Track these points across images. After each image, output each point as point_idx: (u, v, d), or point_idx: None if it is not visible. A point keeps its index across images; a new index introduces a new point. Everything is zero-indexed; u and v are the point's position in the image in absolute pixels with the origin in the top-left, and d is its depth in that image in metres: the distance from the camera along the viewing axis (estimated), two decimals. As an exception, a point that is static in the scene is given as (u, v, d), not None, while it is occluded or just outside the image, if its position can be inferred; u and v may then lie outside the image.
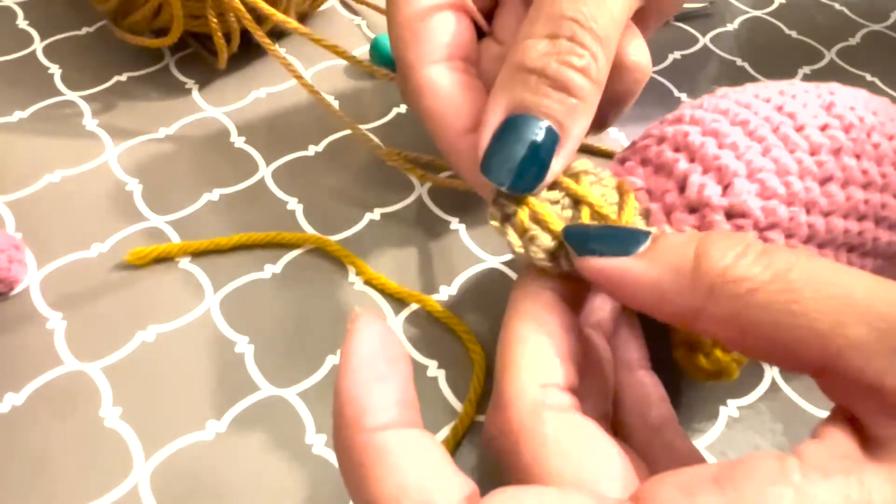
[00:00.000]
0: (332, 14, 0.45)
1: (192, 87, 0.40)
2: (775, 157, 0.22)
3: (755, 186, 0.21)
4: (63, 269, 0.31)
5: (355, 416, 0.16)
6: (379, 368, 0.17)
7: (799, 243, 0.22)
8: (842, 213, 0.22)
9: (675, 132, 0.23)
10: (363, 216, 0.34)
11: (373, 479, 0.15)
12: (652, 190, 0.23)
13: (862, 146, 0.23)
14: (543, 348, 0.19)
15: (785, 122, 0.23)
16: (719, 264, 0.16)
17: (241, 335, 0.29)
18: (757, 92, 0.25)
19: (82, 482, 0.25)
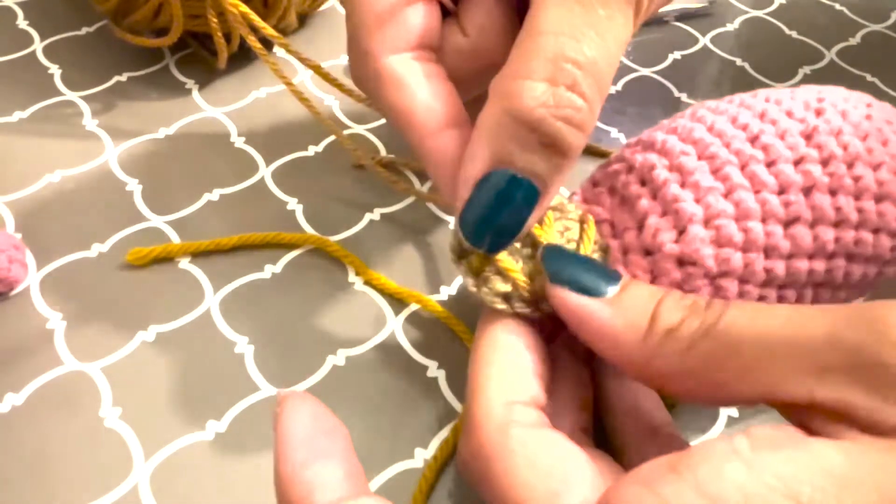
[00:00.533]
0: (332, 14, 0.45)
1: (192, 88, 0.40)
2: (737, 199, 0.21)
3: (710, 234, 0.21)
4: (63, 269, 0.31)
5: (303, 496, 0.16)
6: (319, 445, 0.17)
7: (754, 288, 0.21)
8: (806, 255, 0.22)
9: (643, 162, 0.23)
10: (363, 216, 0.34)
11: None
12: (615, 224, 0.23)
13: (839, 181, 0.22)
14: (509, 368, 0.20)
15: (755, 158, 0.22)
16: (667, 325, 0.18)
17: (241, 335, 0.29)
18: (736, 115, 0.23)
19: (82, 482, 0.25)
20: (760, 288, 0.21)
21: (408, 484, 0.25)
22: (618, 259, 0.22)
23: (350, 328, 0.29)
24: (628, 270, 0.22)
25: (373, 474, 0.25)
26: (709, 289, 0.21)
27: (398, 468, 0.25)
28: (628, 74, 0.42)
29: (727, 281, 0.21)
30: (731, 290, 0.21)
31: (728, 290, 0.21)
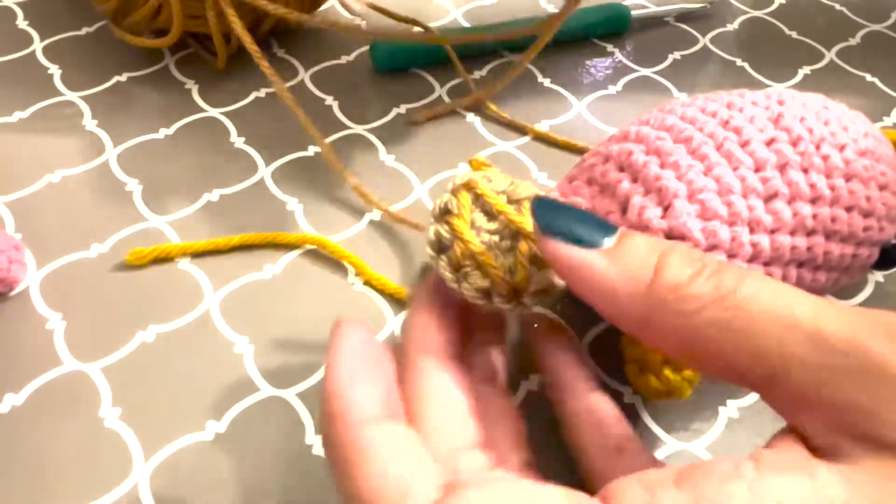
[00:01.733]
0: (333, 14, 0.45)
1: (192, 88, 0.40)
2: (717, 175, 0.21)
3: (695, 207, 0.21)
4: (63, 269, 0.31)
5: (341, 410, 0.17)
6: (364, 368, 0.18)
7: (743, 263, 0.21)
8: (788, 230, 0.22)
9: (619, 150, 0.23)
10: (363, 216, 0.34)
11: (356, 473, 0.16)
12: (596, 210, 0.23)
13: (810, 159, 0.22)
14: (449, 411, 0.19)
15: (730, 138, 0.22)
16: (674, 281, 0.17)
17: (241, 335, 0.29)
18: (704, 106, 0.24)
19: (82, 482, 0.25)
20: (748, 263, 0.22)
21: (407, 484, 0.25)
22: None
23: (350, 328, 0.29)
24: None
25: (372, 474, 0.25)
26: None
27: (398, 468, 0.25)
28: (628, 75, 0.42)
29: (716, 254, 0.21)
30: None
31: None
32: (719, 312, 0.16)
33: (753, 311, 0.16)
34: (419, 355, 0.21)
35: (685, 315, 0.16)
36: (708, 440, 0.26)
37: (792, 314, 0.15)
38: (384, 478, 0.16)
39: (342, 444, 0.17)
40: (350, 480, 0.16)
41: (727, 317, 0.16)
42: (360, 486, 0.16)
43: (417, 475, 0.16)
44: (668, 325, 0.17)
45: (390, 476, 0.16)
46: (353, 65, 0.42)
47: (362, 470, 0.16)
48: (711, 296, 0.16)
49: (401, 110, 0.39)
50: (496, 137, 0.38)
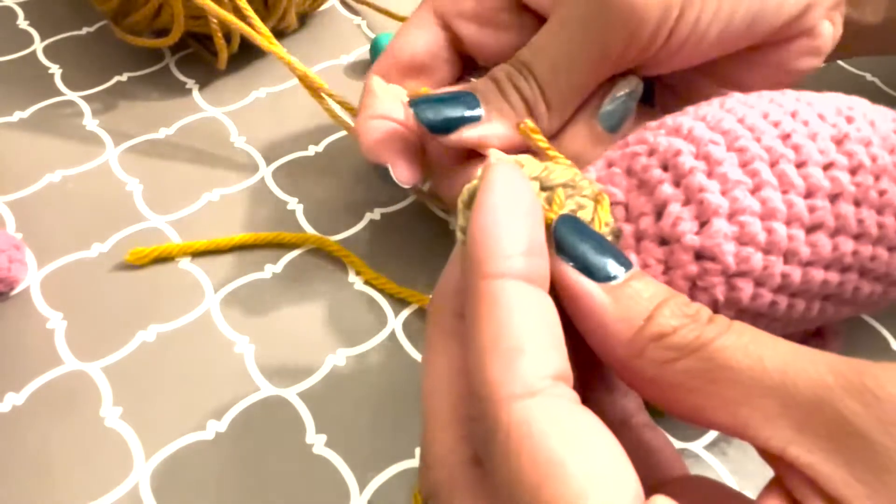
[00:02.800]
0: (333, 14, 0.45)
1: (193, 88, 0.40)
2: (765, 197, 0.20)
3: (734, 229, 0.20)
4: (63, 268, 0.31)
5: (480, 259, 0.17)
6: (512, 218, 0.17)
7: (768, 292, 0.20)
8: (823, 264, 0.21)
9: (667, 146, 0.21)
10: (363, 216, 0.34)
11: (480, 327, 0.16)
12: (630, 207, 0.21)
13: (865, 192, 0.21)
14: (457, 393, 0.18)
15: (786, 157, 0.21)
16: (659, 331, 0.17)
17: (242, 335, 0.29)
18: (767, 111, 0.22)
19: (82, 482, 0.25)
20: (774, 293, 0.21)
21: (408, 484, 0.25)
22: (630, 245, 0.21)
23: (350, 328, 0.29)
24: (640, 258, 0.21)
25: (373, 474, 0.25)
26: (723, 287, 0.20)
27: (398, 468, 0.25)
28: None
29: (743, 281, 0.20)
30: (745, 291, 0.20)
31: (742, 290, 0.20)
32: (693, 363, 0.16)
33: (724, 361, 0.16)
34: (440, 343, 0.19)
35: (659, 363, 0.17)
36: (708, 439, 0.26)
37: (761, 366, 0.16)
38: (497, 342, 0.16)
39: (474, 293, 0.16)
40: (474, 333, 0.16)
41: (700, 367, 0.16)
42: (478, 341, 0.16)
43: (532, 354, 0.16)
44: (644, 371, 0.17)
45: (502, 348, 0.16)
46: (353, 65, 0.42)
47: (483, 328, 0.16)
48: (690, 347, 0.16)
49: (401, 110, 0.39)
50: (496, 137, 0.38)
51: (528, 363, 0.15)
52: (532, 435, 0.15)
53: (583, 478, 0.14)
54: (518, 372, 0.15)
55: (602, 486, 0.14)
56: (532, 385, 0.15)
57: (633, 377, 0.17)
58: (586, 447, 0.15)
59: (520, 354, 0.15)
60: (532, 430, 0.15)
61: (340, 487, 0.25)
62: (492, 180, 0.18)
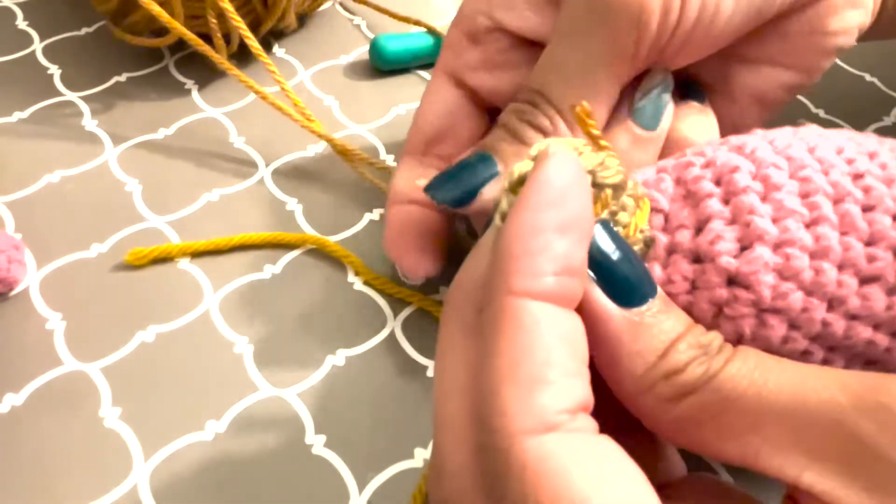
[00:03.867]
0: (332, 14, 0.45)
1: (192, 88, 0.40)
2: (820, 234, 0.18)
3: (777, 260, 0.18)
4: (62, 269, 0.31)
5: (509, 271, 0.15)
6: (555, 222, 0.15)
7: (803, 339, 0.19)
8: (872, 322, 0.19)
9: (725, 161, 0.20)
10: (363, 216, 0.34)
11: (499, 348, 0.15)
12: (670, 217, 0.20)
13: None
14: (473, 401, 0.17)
15: (853, 196, 0.19)
16: (671, 368, 0.16)
17: (241, 335, 0.29)
18: (842, 146, 0.20)
19: (82, 482, 0.25)
20: (810, 342, 0.19)
21: (408, 484, 0.25)
22: (659, 257, 0.19)
23: (350, 328, 0.29)
24: (665, 273, 0.19)
25: (373, 474, 0.25)
26: (752, 321, 0.18)
27: (398, 468, 0.25)
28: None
29: (776, 319, 0.18)
30: (776, 330, 0.18)
31: (774, 329, 0.18)
32: (700, 397, 0.16)
33: (730, 391, 0.15)
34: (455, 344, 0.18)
35: (667, 401, 0.16)
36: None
37: (768, 392, 0.15)
38: (517, 367, 0.15)
39: (496, 308, 0.15)
40: (491, 351, 0.15)
41: (706, 400, 0.15)
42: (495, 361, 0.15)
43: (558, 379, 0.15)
44: (651, 408, 0.16)
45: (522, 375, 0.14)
46: (352, 65, 0.42)
47: (502, 349, 0.15)
48: (698, 383, 0.16)
49: (400, 110, 0.39)
50: (496, 137, 0.38)
51: (547, 397, 0.14)
52: (551, 472, 0.14)
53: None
54: (536, 406, 0.14)
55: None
56: (550, 420, 0.14)
57: (640, 411, 0.17)
58: (610, 482, 0.14)
59: (540, 386, 0.14)
60: (551, 467, 0.14)
61: (340, 488, 0.25)
62: (543, 175, 0.16)
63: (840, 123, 0.40)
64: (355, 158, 0.34)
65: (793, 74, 0.27)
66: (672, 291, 0.19)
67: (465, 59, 0.29)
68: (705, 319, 0.18)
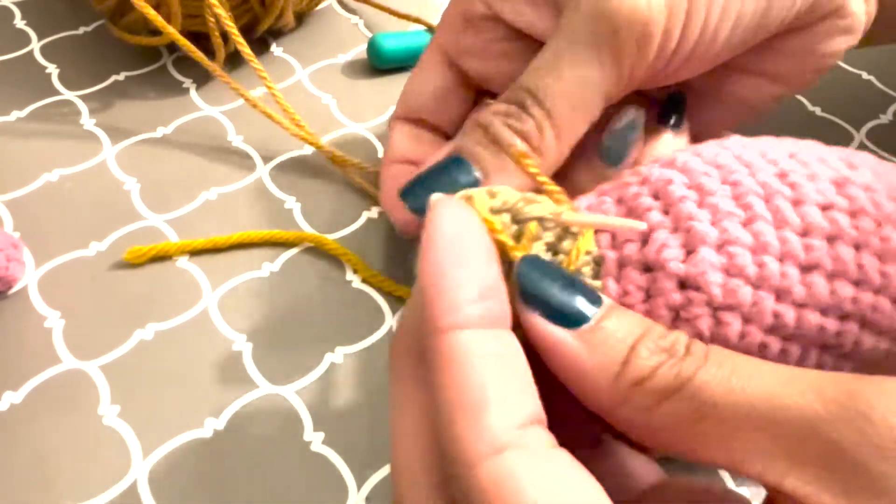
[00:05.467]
0: (330, 13, 0.45)
1: (190, 87, 0.40)
2: (757, 231, 0.19)
3: (722, 260, 0.19)
4: (61, 267, 0.31)
5: (431, 314, 0.16)
6: (455, 259, 0.16)
7: (758, 332, 0.19)
8: (820, 308, 0.20)
9: (659, 176, 0.21)
10: (361, 214, 0.34)
11: (442, 385, 0.16)
12: (616, 235, 0.21)
13: (866, 237, 0.20)
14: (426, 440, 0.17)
15: (782, 193, 0.20)
16: (638, 375, 0.16)
17: (239, 333, 0.29)
18: (765, 151, 0.22)
19: (81, 480, 0.25)
20: (765, 334, 0.20)
21: (406, 480, 0.25)
22: (611, 272, 0.20)
23: (348, 326, 0.29)
24: (620, 285, 0.20)
25: (371, 471, 0.25)
26: (709, 321, 0.19)
27: (396, 465, 0.25)
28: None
29: (730, 315, 0.19)
30: (733, 326, 0.19)
31: (730, 325, 0.19)
32: (677, 405, 0.16)
33: (707, 399, 0.15)
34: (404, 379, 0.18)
35: (644, 409, 0.16)
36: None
37: (746, 400, 0.15)
38: (461, 395, 0.15)
39: (431, 349, 0.16)
40: (438, 390, 0.16)
41: (684, 408, 0.16)
42: (444, 396, 0.15)
43: (500, 402, 0.15)
44: (631, 418, 0.16)
45: (466, 401, 0.15)
46: (350, 64, 0.42)
47: (446, 384, 0.15)
48: (671, 387, 0.16)
49: (398, 109, 0.39)
50: (494, 136, 0.38)
51: (493, 417, 0.15)
52: (507, 491, 0.14)
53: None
54: (484, 428, 0.15)
55: None
56: (499, 440, 0.15)
57: (621, 423, 0.17)
58: (564, 496, 0.14)
59: (484, 409, 0.15)
60: (506, 487, 0.14)
61: (338, 485, 0.25)
62: (433, 226, 0.17)
63: (837, 122, 0.40)
64: (346, 164, 0.34)
65: (781, 86, 0.28)
66: (629, 302, 0.19)
67: (459, 41, 0.29)
68: (665, 325, 0.19)
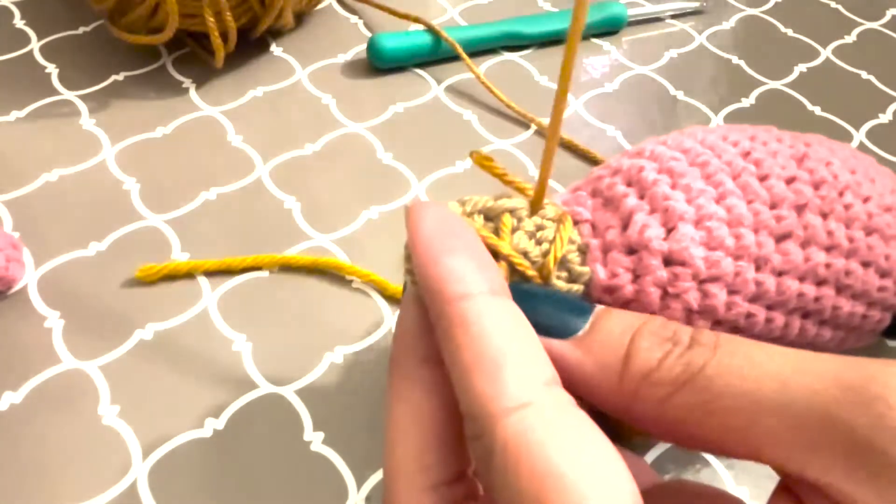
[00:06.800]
0: (330, 13, 0.45)
1: (190, 87, 0.40)
2: (730, 205, 0.20)
3: (701, 234, 0.20)
4: (61, 267, 0.31)
5: (439, 289, 0.16)
6: (449, 243, 0.17)
7: (743, 301, 0.20)
8: (797, 275, 0.21)
9: (630, 165, 0.22)
10: (360, 214, 0.34)
11: (461, 350, 0.16)
12: (596, 224, 0.21)
13: (831, 205, 0.21)
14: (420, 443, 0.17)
15: (748, 170, 0.21)
16: (645, 367, 0.16)
17: (239, 333, 0.29)
18: (726, 134, 0.23)
19: (80, 480, 0.25)
20: (749, 303, 0.20)
21: (405, 480, 0.25)
22: (597, 258, 0.21)
23: (348, 326, 0.29)
24: (608, 270, 0.21)
25: (371, 472, 0.25)
26: (696, 294, 0.20)
27: (396, 465, 0.25)
28: (624, 73, 0.42)
29: (716, 286, 0.20)
30: (719, 297, 0.20)
31: (716, 297, 0.20)
32: (689, 396, 0.16)
33: (721, 389, 0.15)
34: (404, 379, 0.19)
35: (658, 402, 0.16)
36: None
37: (760, 388, 0.15)
38: (486, 350, 0.15)
39: (447, 318, 0.16)
40: (458, 357, 0.16)
41: (698, 399, 0.16)
42: (468, 361, 0.15)
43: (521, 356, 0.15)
44: (645, 414, 0.16)
45: (494, 348, 0.15)
46: (350, 63, 0.42)
47: (467, 347, 0.16)
48: (681, 378, 0.16)
49: (398, 108, 0.39)
50: (493, 135, 0.38)
51: (516, 374, 0.15)
52: (529, 446, 0.14)
53: (584, 486, 0.14)
54: (508, 384, 0.15)
55: (603, 492, 0.14)
56: (523, 395, 0.15)
57: (639, 421, 0.17)
58: (584, 454, 0.14)
59: (506, 366, 0.15)
60: (529, 441, 0.14)
61: (338, 485, 0.25)
62: (414, 218, 0.18)
63: (836, 121, 0.40)
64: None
65: None
66: (618, 284, 0.20)
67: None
68: (654, 303, 0.19)
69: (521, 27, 0.43)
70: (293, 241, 0.32)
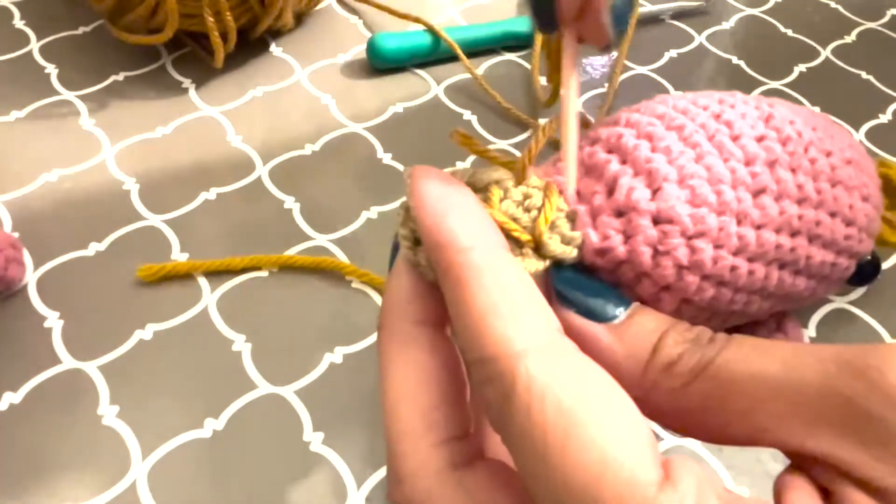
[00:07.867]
0: (329, 13, 0.45)
1: (189, 87, 0.40)
2: (708, 164, 0.22)
3: (685, 192, 0.21)
4: (60, 268, 0.31)
5: (447, 241, 0.17)
6: (456, 200, 0.18)
7: (727, 255, 0.21)
8: (774, 227, 0.22)
9: (608, 134, 0.23)
10: (360, 214, 0.34)
11: (473, 297, 0.16)
12: (581, 192, 0.22)
13: (798, 160, 0.23)
14: (426, 401, 0.18)
15: (721, 130, 0.23)
16: (667, 360, 0.17)
17: (239, 333, 0.29)
18: (695, 99, 0.24)
19: (80, 480, 0.25)
20: (734, 256, 0.22)
21: (405, 480, 0.25)
22: (586, 223, 0.22)
23: (347, 326, 0.29)
24: (598, 233, 0.21)
25: (371, 471, 0.25)
26: (685, 250, 0.21)
27: (395, 465, 0.25)
28: (625, 73, 0.42)
29: (702, 242, 0.21)
30: (706, 252, 0.21)
31: (703, 251, 0.21)
32: (703, 383, 0.17)
33: (730, 375, 0.16)
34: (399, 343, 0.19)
35: (673, 392, 0.17)
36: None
37: (764, 371, 0.16)
38: (503, 295, 0.16)
39: (454, 268, 0.17)
40: (464, 307, 0.16)
41: (709, 386, 0.17)
42: (473, 311, 0.16)
43: (537, 302, 0.16)
44: (661, 403, 0.17)
45: (511, 293, 0.16)
46: (350, 64, 0.42)
47: (475, 296, 0.16)
48: (696, 369, 0.17)
49: (398, 109, 0.39)
50: (494, 136, 0.38)
51: (535, 316, 0.16)
52: (556, 381, 0.15)
53: (607, 426, 0.15)
54: (528, 325, 0.16)
55: (624, 433, 0.15)
56: (543, 338, 0.16)
57: (653, 411, 0.18)
58: (604, 398, 0.15)
59: (526, 310, 0.16)
60: (556, 376, 0.15)
61: (338, 485, 0.25)
62: (418, 179, 0.18)
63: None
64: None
65: None
66: (610, 246, 0.21)
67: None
68: (646, 262, 0.20)
69: (521, 27, 0.43)
70: (293, 241, 0.32)
